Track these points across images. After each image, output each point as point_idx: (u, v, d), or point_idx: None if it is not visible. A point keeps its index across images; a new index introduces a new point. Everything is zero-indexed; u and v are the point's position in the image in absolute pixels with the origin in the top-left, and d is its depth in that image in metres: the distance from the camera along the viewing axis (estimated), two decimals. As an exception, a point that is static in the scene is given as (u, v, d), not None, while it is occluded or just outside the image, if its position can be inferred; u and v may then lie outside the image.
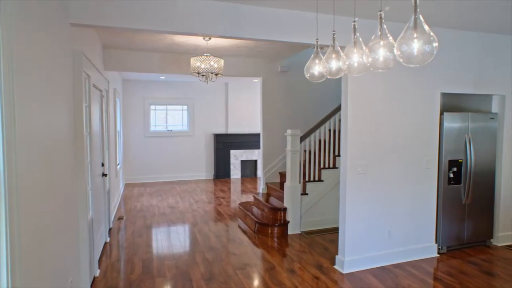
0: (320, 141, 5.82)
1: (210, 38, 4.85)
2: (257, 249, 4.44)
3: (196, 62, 4.82)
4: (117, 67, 5.65)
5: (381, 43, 1.45)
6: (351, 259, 3.79)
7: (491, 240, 4.57)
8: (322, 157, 5.31)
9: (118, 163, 7.20)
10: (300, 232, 5.06)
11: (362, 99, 3.74)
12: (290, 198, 4.99)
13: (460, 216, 4.33)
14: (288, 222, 5.00)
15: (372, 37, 1.50)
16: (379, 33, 1.47)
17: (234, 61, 6.27)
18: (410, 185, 4.03)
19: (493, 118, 4.43)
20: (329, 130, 5.53)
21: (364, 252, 3.87)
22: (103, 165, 4.54)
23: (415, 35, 1.28)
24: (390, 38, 1.47)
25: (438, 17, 3.64)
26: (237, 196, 7.54)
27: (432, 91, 4.07)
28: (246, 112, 9.87)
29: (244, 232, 5.12)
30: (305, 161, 5.75)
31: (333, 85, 6.78)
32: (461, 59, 4.18)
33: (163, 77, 8.52)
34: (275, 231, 4.97)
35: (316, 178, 5.20)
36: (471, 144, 4.30)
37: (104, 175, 4.52)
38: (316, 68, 2.01)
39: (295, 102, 6.59)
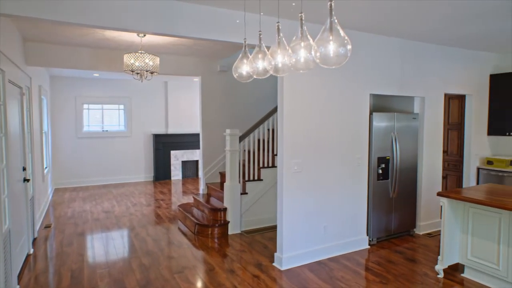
0: (259, 140, 5.88)
1: (144, 35, 4.66)
2: (197, 251, 4.36)
3: (129, 59, 4.59)
4: (41, 62, 5.18)
5: (302, 44, 1.49)
6: (289, 255, 3.88)
7: (414, 229, 4.98)
8: (262, 157, 5.38)
9: (45, 166, 6.63)
10: (240, 232, 5.07)
11: (298, 99, 3.85)
12: (230, 198, 4.98)
13: (388, 209, 4.65)
14: (229, 222, 4.99)
15: (293, 38, 1.53)
16: (300, 34, 1.50)
17: (171, 59, 6.09)
18: (343, 182, 4.24)
19: (415, 118, 4.83)
20: (268, 130, 5.61)
21: (302, 248, 3.98)
22: (24, 169, 4.14)
23: (330, 38, 1.33)
24: (311, 39, 1.51)
25: (366, 23, 3.86)
26: (177, 197, 7.36)
27: (362, 93, 4.32)
28: (187, 111, 9.67)
29: (184, 234, 5.00)
30: (244, 160, 5.78)
31: (272, 85, 6.90)
32: (387, 63, 4.49)
33: (97, 74, 8.02)
34: (216, 231, 4.92)
35: (256, 177, 5.25)
36: (397, 142, 4.64)
37: (26, 180, 4.12)
38: (244, 68, 2.01)
39: (234, 102, 6.60)
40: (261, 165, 5.32)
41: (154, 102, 9.43)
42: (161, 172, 9.38)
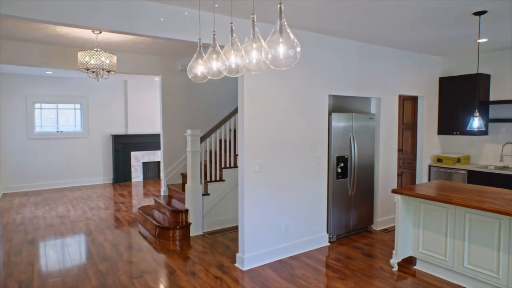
0: (221, 140, 5.85)
1: (100, 32, 4.48)
2: (158, 254, 4.25)
3: (84, 57, 4.40)
4: (-15, 58, 4.83)
5: (254, 45, 1.50)
6: (250, 255, 3.89)
7: (372, 225, 5.17)
8: (223, 157, 5.35)
9: (-9, 170, 6.18)
10: (202, 233, 5.01)
11: (258, 99, 3.86)
12: (192, 199, 4.91)
13: (347, 206, 4.80)
14: (190, 223, 4.92)
15: (245, 40, 1.54)
16: (252, 36, 1.51)
17: (130, 57, 5.91)
18: (304, 181, 4.31)
19: (371, 118, 5.01)
20: (230, 130, 5.59)
21: (263, 247, 4.00)
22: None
23: (280, 40, 1.35)
24: (263, 41, 1.52)
25: (325, 26, 3.96)
26: (138, 200, 7.15)
27: (321, 93, 4.41)
28: (147, 111, 9.42)
29: (145, 237, 4.87)
30: (206, 161, 5.72)
31: (234, 84, 6.89)
32: (345, 65, 4.63)
33: (50, 72, 7.59)
34: (177, 234, 4.83)
35: (218, 178, 5.21)
36: (355, 141, 4.80)
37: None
38: (199, 68, 1.98)
39: (196, 102, 6.52)
40: (223, 165, 5.29)
41: (113, 102, 9.09)
42: (121, 174, 9.07)
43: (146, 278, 3.63)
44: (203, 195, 5.02)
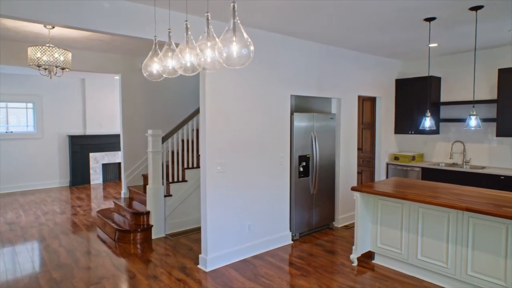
0: (183, 141, 5.76)
1: (53, 27, 4.25)
2: (117, 259, 4.11)
3: (35, 53, 4.15)
4: None
5: (208, 44, 1.48)
6: (213, 256, 3.86)
7: (333, 222, 5.31)
8: (186, 157, 5.27)
9: None
10: (165, 235, 4.91)
11: (220, 98, 3.84)
12: (153, 200, 4.79)
13: (309, 205, 4.89)
14: (152, 226, 4.79)
15: (200, 38, 1.52)
16: (207, 34, 1.49)
17: (87, 54, 5.66)
18: (267, 180, 4.34)
19: (332, 118, 5.14)
20: (193, 130, 5.52)
21: (227, 247, 3.99)
22: None
23: (234, 38, 1.34)
24: (217, 39, 1.51)
25: (287, 27, 4.01)
26: (97, 203, 6.87)
27: (284, 93, 4.46)
28: (107, 111, 9.08)
29: (104, 242, 4.68)
30: (168, 161, 5.61)
31: (197, 84, 6.81)
32: (307, 66, 4.71)
33: (-2, 69, 7.11)
34: (138, 237, 4.69)
35: (180, 179, 5.13)
36: (316, 141, 4.90)
37: None
38: (155, 66, 1.93)
39: (158, 101, 6.37)
40: (186, 166, 5.21)
41: (70, 101, 8.67)
42: (79, 177, 8.67)
43: (104, 284, 3.49)
44: (165, 196, 4.92)
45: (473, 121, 3.63)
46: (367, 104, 6.50)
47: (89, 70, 5.71)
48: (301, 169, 4.73)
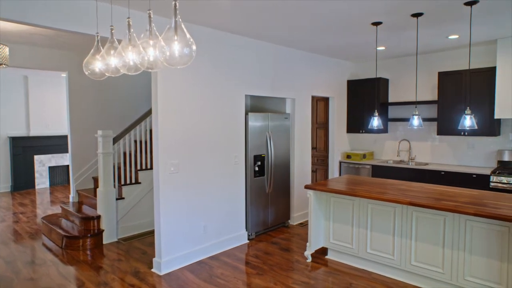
0: (136, 141, 5.58)
1: (-12, 19, 3.92)
2: (65, 267, 3.89)
3: (-33, 47, 3.81)
4: None
5: (151, 42, 1.45)
6: (168, 259, 3.77)
7: (289, 220, 5.41)
8: (139, 158, 5.11)
9: None
10: (117, 240, 4.72)
11: (173, 98, 3.76)
12: (104, 204, 4.59)
13: (265, 204, 4.94)
14: (103, 230, 4.59)
15: (142, 36, 1.47)
16: (149, 32, 1.45)
17: (29, 50, 5.29)
18: (222, 180, 4.32)
19: (287, 118, 5.23)
20: (146, 130, 5.36)
21: (181, 250, 3.92)
22: None
23: (175, 37, 1.32)
24: (160, 37, 1.47)
25: (242, 27, 4.01)
26: (43, 209, 6.45)
27: (238, 93, 4.47)
28: (54, 110, 8.55)
29: (49, 250, 4.41)
30: (120, 163, 5.40)
31: (150, 82, 6.62)
32: (261, 66, 4.75)
33: None
34: (88, 242, 4.47)
35: (133, 181, 4.96)
36: (271, 140, 4.96)
37: None
38: (97, 64, 1.84)
39: (109, 100, 6.11)
40: (139, 167, 5.05)
41: (10, 100, 8.05)
42: (22, 181, 8.09)
43: (49, 294, 3.29)
44: (117, 199, 4.73)
45: (415, 121, 3.87)
46: (320, 104, 6.69)
47: (31, 67, 5.35)
48: (257, 168, 4.77)
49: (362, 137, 6.69)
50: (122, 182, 4.88)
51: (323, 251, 4.28)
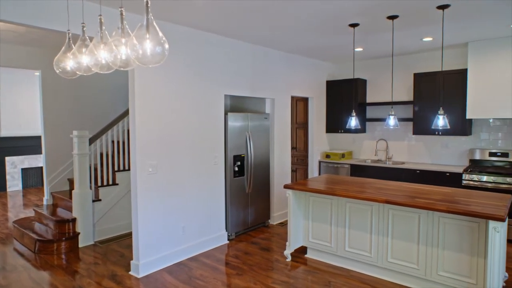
0: (113, 142, 5.47)
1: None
2: (37, 272, 3.76)
3: None
4: None
5: (123, 41, 1.42)
6: (146, 261, 3.71)
7: (269, 220, 5.43)
8: (117, 159, 5.01)
9: None
10: (94, 243, 4.61)
11: (151, 97, 3.71)
12: (80, 206, 4.47)
13: (244, 204, 4.93)
14: (79, 233, 4.47)
15: (113, 33, 1.44)
16: (121, 30, 1.42)
17: (-1, 47, 5.10)
18: (201, 181, 4.29)
19: (266, 118, 5.25)
20: (123, 130, 5.26)
21: (160, 251, 3.86)
22: None
23: (147, 36, 1.30)
24: (133, 35, 1.44)
25: (221, 27, 3.99)
26: (15, 212, 6.23)
27: (217, 93, 4.45)
28: (26, 110, 8.27)
29: (21, 255, 4.26)
30: (96, 164, 5.28)
31: (128, 81, 6.50)
32: (240, 66, 4.75)
33: None
34: (63, 246, 4.34)
35: (111, 182, 4.86)
36: (251, 140, 4.96)
37: None
38: (69, 62, 1.79)
39: (85, 100, 5.95)
40: (116, 168, 4.94)
41: (-20, 99, 7.74)
42: (-7, 183, 7.79)
43: (20, 300, 3.18)
44: (93, 201, 4.62)
45: (391, 121, 3.95)
46: (300, 104, 6.74)
47: (1, 65, 5.15)
48: (236, 168, 4.76)
49: (341, 137, 6.78)
50: (99, 184, 4.77)
51: (302, 250, 4.31)
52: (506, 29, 4.22)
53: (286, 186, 4.01)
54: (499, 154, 5.00)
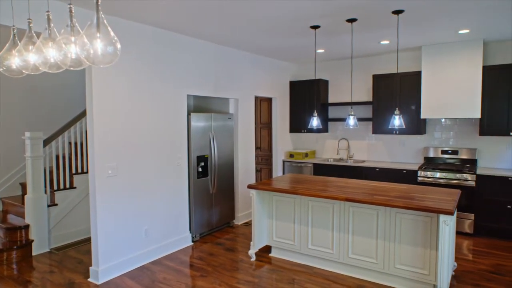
0: (71, 143, 5.23)
1: None
2: (-14, 284, 3.52)
3: None
4: None
5: (72, 39, 1.36)
6: (106, 267, 3.59)
7: (234, 220, 5.42)
8: (75, 161, 4.79)
9: None
10: (49, 250, 4.38)
11: (110, 97, 3.58)
12: (34, 212, 4.24)
13: (209, 204, 4.89)
14: (33, 241, 4.24)
15: (62, 31, 1.38)
16: (70, 28, 1.36)
17: None
18: (164, 182, 4.21)
19: (230, 118, 5.24)
20: (82, 131, 5.04)
21: (121, 256, 3.74)
22: None
23: (98, 35, 1.26)
24: (84, 34, 1.38)
25: (183, 26, 3.93)
26: (-39, 220, 5.77)
27: (179, 93, 4.38)
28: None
29: (-33, 265, 3.96)
30: (52, 167, 5.03)
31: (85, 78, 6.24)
32: (203, 66, 4.70)
33: None
34: (14, 255, 4.09)
35: (68, 186, 4.64)
36: (215, 141, 4.93)
37: None
38: (14, 60, 1.68)
39: (38, 99, 5.64)
40: (74, 171, 4.73)
41: None
42: None
43: (-34, 315, 2.96)
44: (49, 206, 4.40)
45: (351, 121, 4.08)
46: (264, 105, 6.79)
47: None
48: (200, 169, 4.71)
49: (304, 137, 6.91)
50: (55, 188, 4.54)
51: (267, 249, 4.35)
52: (455, 34, 4.49)
53: (249, 186, 4.02)
54: (450, 152, 5.31)
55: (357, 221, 3.56)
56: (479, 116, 4.80)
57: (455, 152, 5.27)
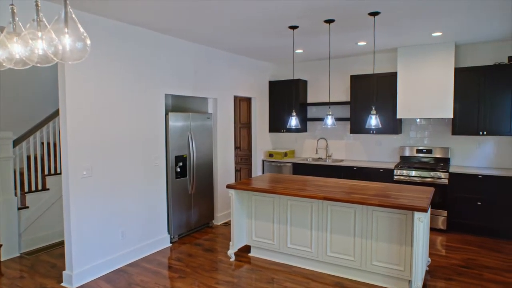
0: (43, 143, 5.05)
1: None
2: (-49, 291, 3.35)
3: None
4: None
5: (39, 34, 1.30)
6: (81, 270, 3.48)
7: (213, 221, 5.39)
8: (47, 162, 4.63)
9: None
10: (19, 255, 4.22)
11: (84, 96, 3.48)
12: (2, 215, 4.06)
13: (187, 205, 4.84)
14: (1, 245, 4.06)
15: (27, 26, 1.32)
16: (36, 23, 1.31)
17: None
18: (141, 183, 4.13)
19: (209, 118, 5.20)
20: (55, 131, 4.88)
21: (96, 259, 3.64)
22: None
23: (66, 30, 1.21)
24: (51, 30, 1.33)
25: (162, 24, 3.86)
26: None
27: (157, 92, 4.30)
28: None
29: None
30: (23, 168, 4.84)
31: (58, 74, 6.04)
32: (181, 65, 4.64)
33: None
34: (-18, 260, 3.92)
35: (40, 187, 4.48)
36: (193, 140, 4.88)
37: None
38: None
39: (7, 97, 5.41)
40: (47, 172, 4.57)
41: None
42: None
43: None
44: (19, 208, 4.23)
45: (329, 120, 4.13)
46: (243, 104, 6.78)
47: None
48: (178, 169, 4.65)
49: (283, 136, 6.94)
50: (26, 190, 4.37)
51: (246, 249, 4.34)
52: (429, 37, 4.62)
53: (228, 186, 4.00)
54: (425, 150, 5.46)
55: (335, 220, 3.61)
56: (451, 116, 4.96)
57: (429, 151, 5.43)
